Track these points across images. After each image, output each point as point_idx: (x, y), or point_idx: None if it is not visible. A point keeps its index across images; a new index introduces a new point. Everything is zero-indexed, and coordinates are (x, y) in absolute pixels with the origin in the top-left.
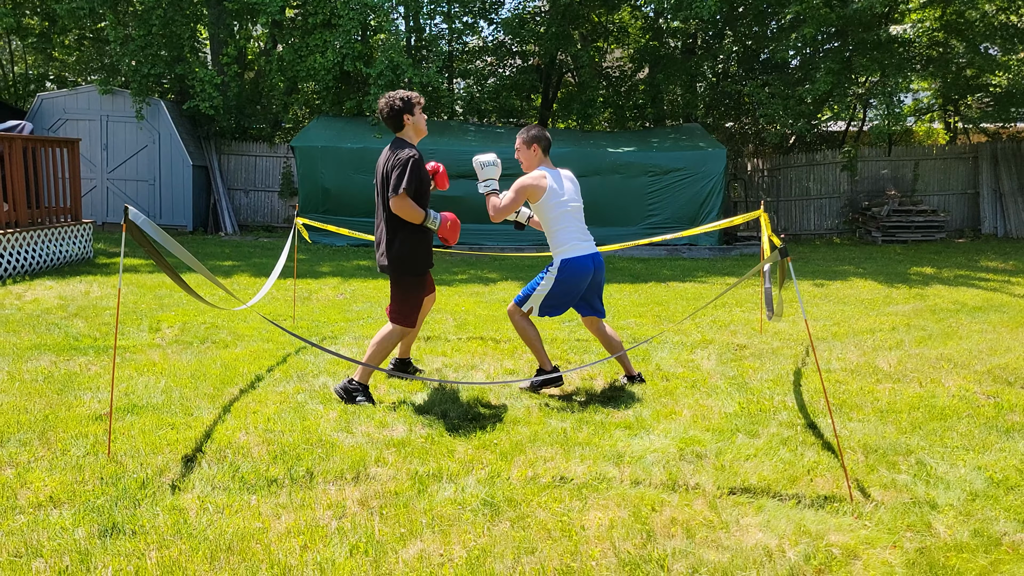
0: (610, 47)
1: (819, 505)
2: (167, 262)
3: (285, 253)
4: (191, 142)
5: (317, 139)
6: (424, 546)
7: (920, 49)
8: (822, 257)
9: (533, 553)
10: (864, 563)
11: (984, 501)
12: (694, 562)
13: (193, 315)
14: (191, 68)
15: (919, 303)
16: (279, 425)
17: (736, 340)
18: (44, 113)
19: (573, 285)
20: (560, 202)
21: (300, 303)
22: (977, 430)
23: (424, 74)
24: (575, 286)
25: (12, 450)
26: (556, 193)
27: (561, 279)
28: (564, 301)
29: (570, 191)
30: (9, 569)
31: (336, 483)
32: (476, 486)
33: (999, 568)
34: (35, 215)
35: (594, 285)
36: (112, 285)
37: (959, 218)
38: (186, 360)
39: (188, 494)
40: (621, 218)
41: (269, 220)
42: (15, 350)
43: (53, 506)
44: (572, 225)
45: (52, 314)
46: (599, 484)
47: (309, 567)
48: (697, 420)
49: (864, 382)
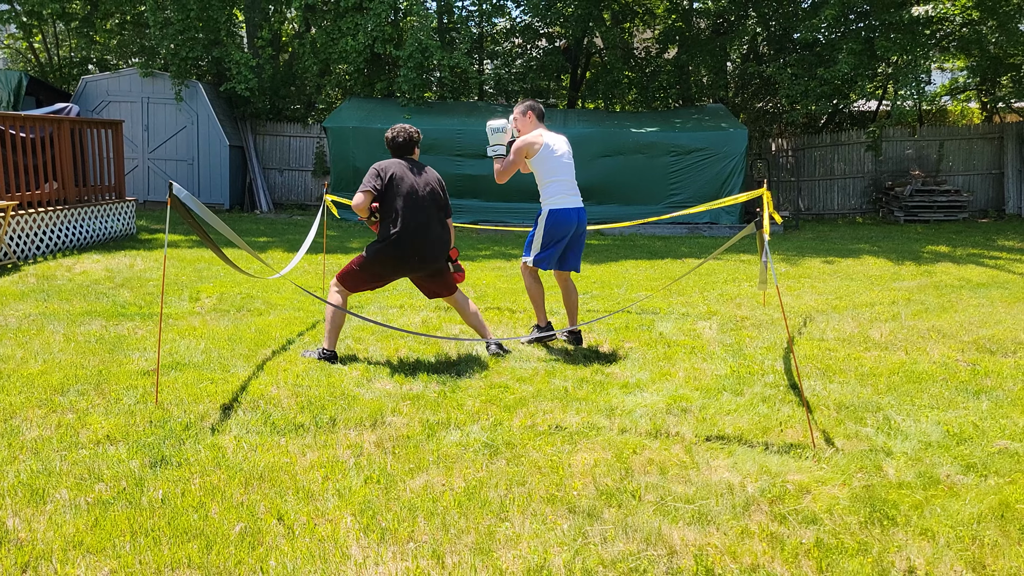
0: (638, 27)
1: (784, 451)
2: (207, 234)
3: (315, 227)
4: (228, 123)
5: (349, 120)
6: (429, 478)
7: (953, 27)
8: (840, 236)
9: (523, 484)
10: (813, 496)
11: (936, 450)
12: (663, 493)
13: (230, 286)
14: (227, 51)
15: (925, 279)
16: (307, 381)
17: (739, 312)
18: (88, 95)
19: (557, 234)
20: (554, 157)
21: (330, 276)
22: (948, 392)
23: (453, 56)
24: (559, 235)
25: (72, 398)
26: (550, 149)
27: (548, 228)
28: (550, 253)
29: (563, 149)
30: (76, 489)
31: (356, 428)
32: (480, 432)
33: (932, 502)
34: (82, 193)
35: (575, 238)
36: (155, 259)
37: (983, 198)
38: (223, 326)
39: (226, 436)
40: (644, 197)
41: (303, 199)
42: (69, 316)
43: (110, 443)
44: (564, 179)
45: (100, 284)
46: (589, 432)
47: (329, 493)
48: (689, 381)
49: (853, 350)
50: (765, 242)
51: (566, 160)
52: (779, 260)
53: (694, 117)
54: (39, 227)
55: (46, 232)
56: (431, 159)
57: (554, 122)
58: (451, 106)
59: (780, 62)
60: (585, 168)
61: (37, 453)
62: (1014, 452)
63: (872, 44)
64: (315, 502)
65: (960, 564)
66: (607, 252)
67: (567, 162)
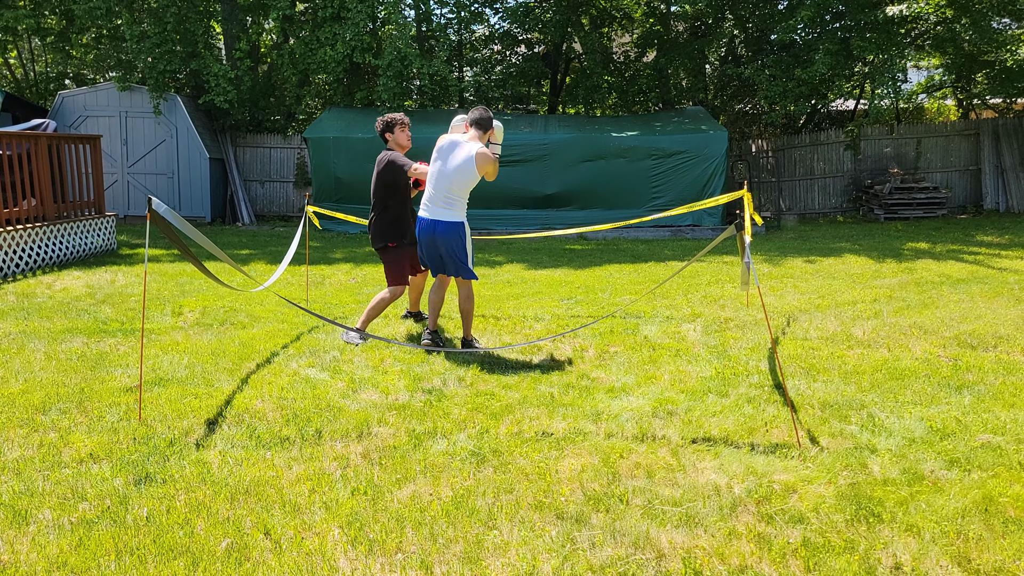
0: (617, 32)
1: (770, 451)
2: (188, 249)
3: (297, 239)
4: (207, 135)
5: (329, 130)
6: (417, 488)
7: (927, 26)
8: (822, 235)
9: (511, 492)
10: (800, 496)
11: (920, 446)
12: (651, 496)
13: (212, 300)
14: (205, 63)
15: (906, 276)
16: (291, 393)
17: (723, 314)
18: (65, 111)
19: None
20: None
21: (313, 287)
22: (930, 388)
23: (432, 64)
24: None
25: (54, 417)
26: (433, 156)
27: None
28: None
29: (439, 159)
30: (59, 509)
31: (342, 440)
32: (466, 441)
33: (917, 498)
34: (61, 209)
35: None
36: (135, 274)
37: (962, 194)
38: (206, 340)
39: (211, 451)
40: (626, 201)
41: (284, 210)
42: (49, 333)
43: (93, 461)
44: (429, 189)
45: (81, 301)
46: (576, 437)
47: (316, 505)
48: (675, 383)
49: (836, 348)
50: (746, 244)
51: (434, 170)
52: (761, 260)
53: (674, 120)
54: (18, 244)
55: (25, 249)
56: None
57: (535, 128)
58: (432, 114)
59: (758, 63)
60: (567, 173)
61: (19, 474)
62: (997, 446)
63: (848, 44)
64: (302, 515)
65: (946, 559)
66: (590, 257)
67: (435, 171)
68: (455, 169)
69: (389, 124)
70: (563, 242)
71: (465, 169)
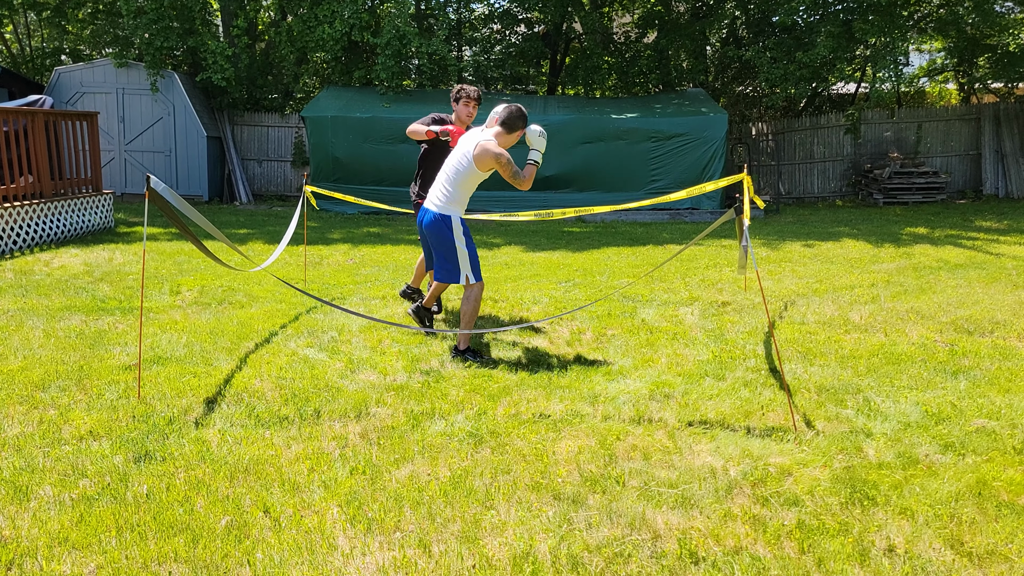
0: (617, 12)
1: (766, 435)
2: (187, 227)
3: (295, 219)
4: (205, 113)
5: (327, 109)
6: (415, 468)
7: (930, 8)
8: (820, 219)
9: (508, 473)
10: (795, 479)
11: (915, 430)
12: (647, 478)
13: (211, 279)
14: (203, 40)
15: (903, 261)
16: (290, 373)
17: (721, 297)
18: (62, 87)
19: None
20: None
21: (311, 268)
22: (926, 372)
23: (431, 44)
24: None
25: (53, 394)
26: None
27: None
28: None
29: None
30: (60, 485)
31: (340, 420)
32: (464, 422)
33: (911, 481)
34: (58, 186)
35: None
36: (133, 252)
37: (961, 179)
38: (205, 319)
39: (210, 429)
40: (625, 183)
41: (282, 189)
42: (48, 311)
43: (93, 439)
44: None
45: (79, 279)
46: (573, 419)
47: (315, 484)
48: (672, 366)
49: (833, 333)
50: (745, 227)
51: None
52: (760, 244)
53: (674, 102)
54: (15, 221)
55: (22, 227)
56: (410, 148)
57: (534, 109)
58: (430, 94)
59: (759, 46)
60: (565, 155)
61: (19, 450)
62: (991, 431)
63: (850, 26)
64: (301, 494)
65: (939, 541)
66: (588, 239)
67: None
68: (454, 161)
69: (456, 95)
70: (561, 224)
71: (461, 163)
